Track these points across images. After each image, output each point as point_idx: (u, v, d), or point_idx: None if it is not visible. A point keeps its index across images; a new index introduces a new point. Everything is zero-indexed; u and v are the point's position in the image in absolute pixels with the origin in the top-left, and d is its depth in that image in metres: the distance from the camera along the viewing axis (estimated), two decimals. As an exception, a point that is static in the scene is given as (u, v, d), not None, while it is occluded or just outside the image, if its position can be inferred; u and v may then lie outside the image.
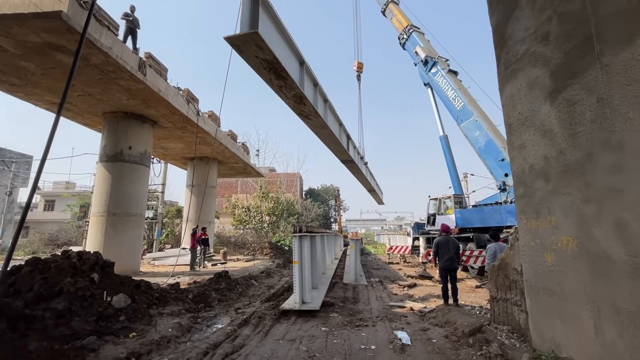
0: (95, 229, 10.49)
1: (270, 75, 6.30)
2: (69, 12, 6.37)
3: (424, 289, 9.52)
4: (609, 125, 2.86)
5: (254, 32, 4.94)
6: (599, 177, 2.98)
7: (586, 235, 3.11)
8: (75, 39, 6.76)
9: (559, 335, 3.50)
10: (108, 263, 6.04)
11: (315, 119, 8.80)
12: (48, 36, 6.76)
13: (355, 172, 16.77)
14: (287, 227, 26.16)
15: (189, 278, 9.73)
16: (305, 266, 6.78)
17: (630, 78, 2.66)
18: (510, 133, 4.36)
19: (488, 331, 4.53)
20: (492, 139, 12.10)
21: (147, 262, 14.20)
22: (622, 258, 2.74)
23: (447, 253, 6.68)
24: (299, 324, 5.52)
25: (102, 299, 5.13)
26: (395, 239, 31.69)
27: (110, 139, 10.89)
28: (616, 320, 2.79)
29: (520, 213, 4.18)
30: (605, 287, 2.90)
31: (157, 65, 10.05)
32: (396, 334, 4.89)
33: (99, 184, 10.87)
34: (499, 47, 4.54)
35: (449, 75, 14.31)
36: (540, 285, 3.81)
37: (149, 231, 19.78)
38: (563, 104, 3.39)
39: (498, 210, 11.91)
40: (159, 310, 5.85)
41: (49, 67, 7.97)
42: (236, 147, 17.05)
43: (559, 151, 3.46)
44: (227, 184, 39.95)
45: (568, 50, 3.31)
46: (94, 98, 9.79)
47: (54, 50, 7.22)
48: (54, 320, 4.19)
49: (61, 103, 3.37)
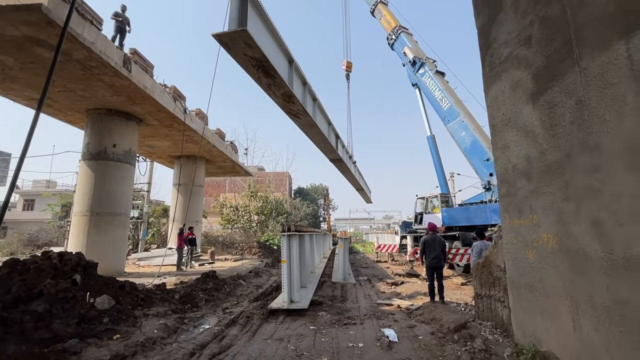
0: (77, 229, 10.21)
1: (259, 74, 6.26)
2: (50, 5, 6.17)
3: (411, 287, 9.65)
4: (587, 127, 2.96)
5: (242, 29, 4.90)
6: (577, 177, 3.08)
7: (565, 232, 3.22)
8: (56, 33, 6.56)
9: (539, 329, 3.62)
10: (91, 264, 5.90)
11: (304, 117, 8.80)
12: (27, 29, 6.53)
13: (344, 171, 16.85)
14: (276, 227, 26.06)
15: (175, 278, 9.59)
16: (294, 265, 6.78)
17: (607, 81, 2.76)
18: (494, 134, 4.46)
19: (472, 327, 4.63)
20: (478, 139, 12.36)
21: (132, 262, 13.95)
22: (598, 254, 2.84)
23: (434, 251, 6.79)
24: (287, 323, 5.52)
25: (84, 301, 5.00)
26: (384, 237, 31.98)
27: (93, 136, 10.61)
28: (592, 314, 2.90)
29: (504, 212, 4.28)
30: (583, 282, 3.01)
31: (143, 61, 9.84)
32: (383, 331, 4.95)
33: (81, 183, 10.59)
34: (484, 49, 4.63)
35: (436, 76, 14.53)
36: (522, 282, 3.92)
37: (134, 231, 19.39)
38: (544, 106, 3.49)
39: (483, 209, 12.19)
40: (144, 311, 5.74)
41: (29, 62, 7.70)
42: (224, 146, 16.87)
43: (540, 152, 3.56)
44: (215, 183, 39.47)
45: (549, 54, 3.41)
46: (76, 94, 9.52)
47: (33, 44, 6.97)
48: (34, 323, 4.06)
49: (41, 99, 3.27)
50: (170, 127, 12.45)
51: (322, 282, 9.81)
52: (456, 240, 13.06)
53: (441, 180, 16.27)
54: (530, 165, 3.74)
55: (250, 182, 28.44)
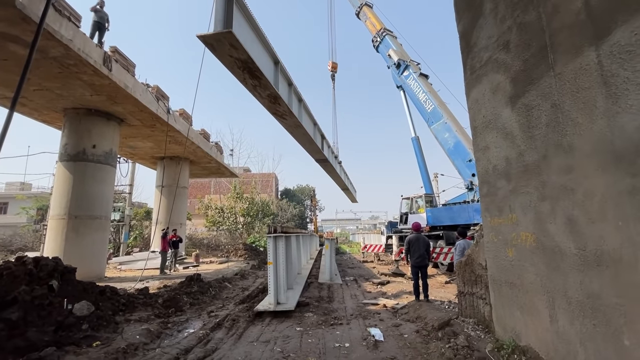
0: (54, 233, 9.84)
1: (245, 75, 6.22)
2: (24, 0, 5.94)
3: (397, 286, 9.78)
4: (561, 129, 3.09)
5: (228, 31, 4.85)
6: (553, 177, 3.21)
7: (542, 231, 3.35)
8: (32, 30, 6.31)
9: (519, 325, 3.74)
10: (69, 269, 5.71)
11: (290, 118, 8.78)
12: (0, 25, 6.26)
13: (330, 171, 16.92)
14: (262, 228, 25.85)
15: (158, 282, 9.40)
16: (280, 267, 6.75)
17: (579, 86, 2.89)
18: (475, 135, 4.59)
19: (456, 324, 4.74)
20: (461, 140, 12.65)
21: (113, 266, 13.59)
22: (572, 251, 2.97)
23: (418, 251, 6.91)
24: (273, 325, 5.49)
25: (62, 308, 4.83)
26: (370, 237, 32.27)
27: (71, 137, 10.26)
28: (567, 309, 3.03)
29: (485, 211, 4.41)
30: (559, 278, 3.14)
31: (124, 60, 9.59)
32: (369, 330, 5.00)
33: (59, 185, 10.22)
34: (465, 53, 4.76)
35: (420, 79, 14.79)
36: (502, 279, 4.05)
37: (116, 234, 18.87)
38: (522, 109, 3.62)
39: (466, 208, 12.48)
40: (126, 316, 5.61)
41: (1, 59, 7.37)
42: (209, 147, 16.64)
43: (519, 153, 3.69)
44: (200, 184, 38.84)
45: (526, 59, 3.54)
46: (53, 93, 9.18)
47: (7, 40, 6.69)
48: (7, 332, 3.89)
49: (15, 97, 3.14)
50: (153, 127, 12.17)
51: (308, 283, 9.81)
52: (440, 239, 13.32)
53: (425, 180, 16.56)
54: (509, 165, 3.87)
55: (235, 183, 28.12)
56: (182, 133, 12.76)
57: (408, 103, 16.34)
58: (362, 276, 12.29)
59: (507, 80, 3.86)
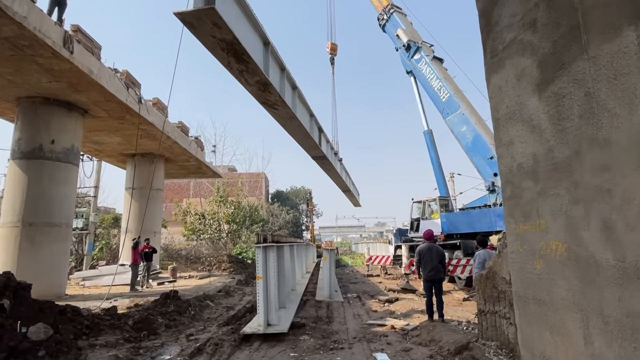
0: (6, 243, 9.79)
1: (230, 58, 6.22)
2: (-30, -29, 5.91)
3: (407, 304, 9.80)
4: (596, 121, 3.11)
5: (210, 7, 4.85)
6: (586, 176, 3.23)
7: (575, 239, 3.36)
8: (-21, 5, 6.28)
9: (548, 348, 3.76)
10: (23, 285, 5.69)
11: (282, 108, 8.80)
12: (-59, 0, 6.23)
13: (328, 169, 16.95)
14: (250, 237, 25.84)
15: (129, 300, 9.41)
16: (271, 282, 6.76)
17: (617, 71, 2.91)
18: (497, 128, 4.61)
19: (475, 348, 4.76)
20: (480, 134, 12.71)
21: (76, 282, 13.60)
22: (609, 263, 2.99)
23: (431, 263, 6.92)
24: (263, 350, 5.49)
25: (15, 331, 4.82)
26: (376, 247, 32.37)
27: (26, 130, 10.23)
28: (604, 329, 3.05)
29: (509, 216, 4.43)
30: (594, 294, 3.16)
31: (89, 41, 9.57)
32: (375, 356, 5.01)
33: (10, 187, 10.18)
34: (485, 33, 4.78)
35: (433, 63, 14.85)
36: (529, 295, 4.06)
37: (78, 245, 18.77)
38: (551, 98, 3.64)
39: (487, 213, 12.53)
40: (90, 341, 5.63)
41: (-57, 39, 7.34)
42: (188, 142, 16.63)
43: (548, 148, 3.71)
44: (177, 186, 38.74)
45: (556, 40, 3.56)
46: (4, 79, 9.14)
47: (-51, 17, 6.65)
48: (-50, 360, 3.87)
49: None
50: (122, 119, 12.14)
51: (304, 300, 9.82)
52: (457, 249, 13.35)
53: (440, 181, 16.62)
54: (536, 163, 3.88)
55: (219, 184, 28.09)
56: (157, 126, 12.74)
57: (419, 91, 16.41)
58: (366, 292, 12.31)
59: (533, 65, 3.88)
